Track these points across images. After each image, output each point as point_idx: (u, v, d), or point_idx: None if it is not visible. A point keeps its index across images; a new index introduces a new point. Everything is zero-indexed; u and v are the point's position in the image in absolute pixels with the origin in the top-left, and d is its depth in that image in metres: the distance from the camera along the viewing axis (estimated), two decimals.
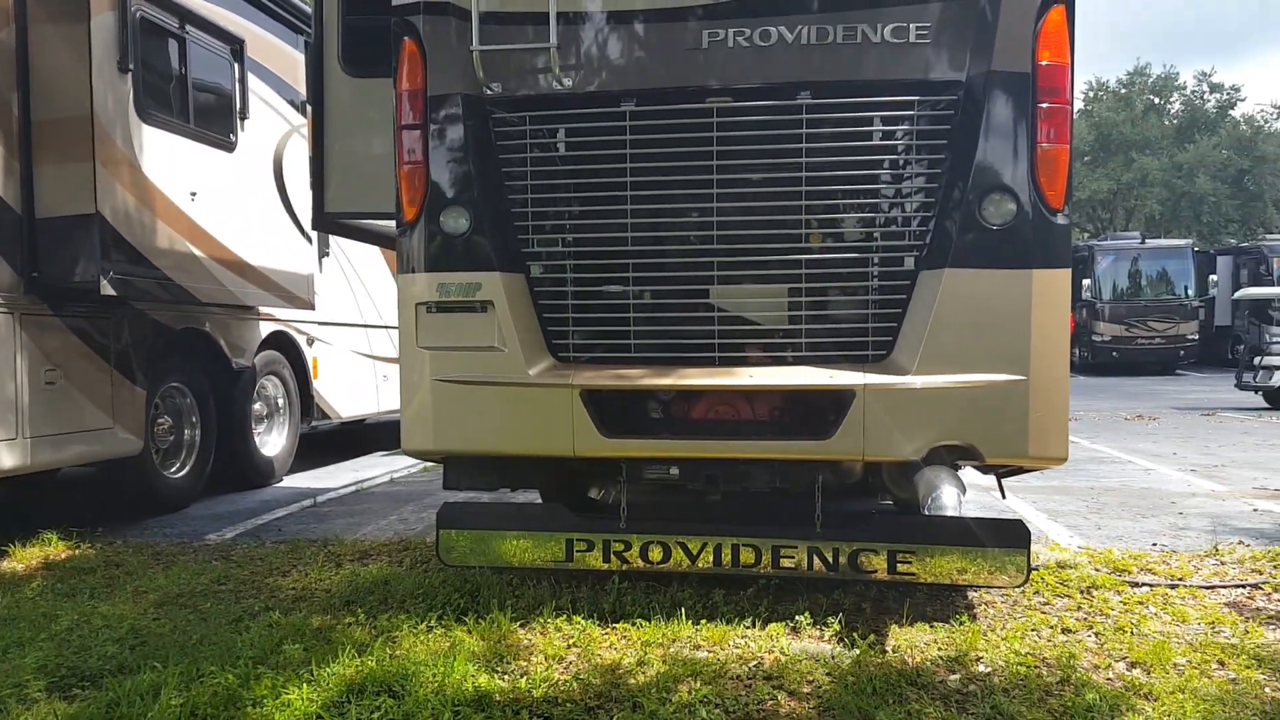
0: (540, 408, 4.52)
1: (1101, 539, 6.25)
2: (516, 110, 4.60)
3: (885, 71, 4.34)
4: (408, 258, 4.70)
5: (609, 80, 4.55)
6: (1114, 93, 49.15)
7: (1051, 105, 4.21)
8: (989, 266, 4.22)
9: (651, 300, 4.61)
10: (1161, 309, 28.02)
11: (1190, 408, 17.29)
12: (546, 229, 4.66)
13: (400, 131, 4.66)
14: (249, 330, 8.59)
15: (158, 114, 6.96)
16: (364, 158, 5.82)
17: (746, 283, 4.52)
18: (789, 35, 4.37)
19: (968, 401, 4.20)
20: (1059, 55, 4.21)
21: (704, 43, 4.43)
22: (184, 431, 7.90)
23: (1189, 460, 10.22)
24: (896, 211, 4.49)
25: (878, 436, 4.24)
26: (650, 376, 4.51)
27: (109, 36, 6.46)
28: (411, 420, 4.71)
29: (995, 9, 4.21)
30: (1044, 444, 4.20)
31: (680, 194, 4.55)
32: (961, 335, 4.22)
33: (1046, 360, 4.19)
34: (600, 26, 4.55)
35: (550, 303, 4.63)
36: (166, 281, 7.02)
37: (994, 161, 4.22)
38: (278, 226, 8.58)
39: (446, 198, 4.59)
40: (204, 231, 7.45)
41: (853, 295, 4.47)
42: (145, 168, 6.78)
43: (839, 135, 4.38)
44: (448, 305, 4.61)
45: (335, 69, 5.87)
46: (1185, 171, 43.24)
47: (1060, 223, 4.23)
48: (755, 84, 4.42)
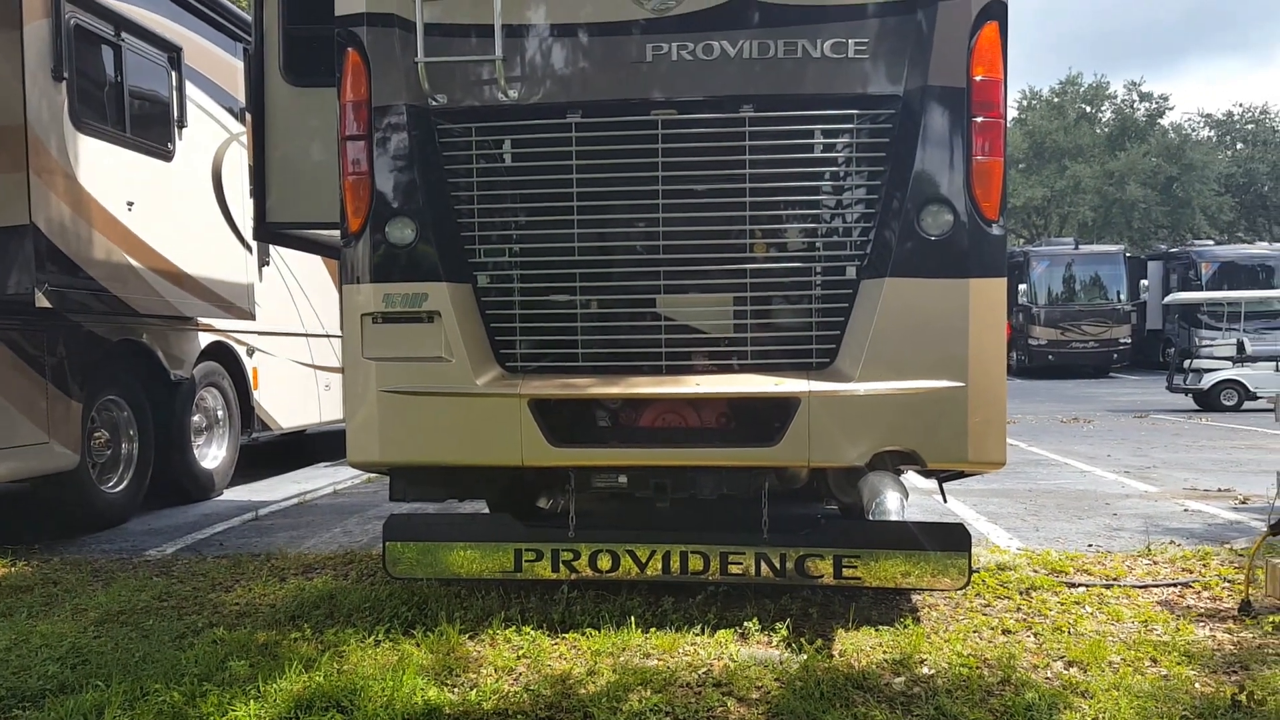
0: (488, 418, 4.52)
1: (1040, 541, 6.40)
2: (462, 121, 4.61)
3: (825, 85, 4.42)
4: (353, 268, 4.68)
5: (555, 92, 4.58)
6: (1047, 101, 50.24)
7: (986, 119, 4.32)
8: (928, 276, 4.31)
9: (599, 309, 4.64)
10: (1095, 313, 28.72)
11: (1124, 410, 17.74)
12: (493, 239, 4.67)
13: (344, 142, 4.63)
14: (187, 341, 8.46)
15: (93, 123, 6.84)
16: (306, 167, 5.78)
17: (692, 291, 4.57)
18: (731, 50, 4.43)
19: (909, 408, 4.28)
20: (992, 71, 4.32)
21: (648, 56, 4.48)
22: (121, 445, 7.75)
23: (1123, 462, 10.49)
24: (838, 222, 4.57)
25: (822, 443, 4.31)
26: (598, 385, 4.54)
27: (42, 44, 6.34)
28: (357, 432, 4.68)
29: (930, 26, 4.31)
30: (983, 449, 4.30)
31: (626, 204, 4.58)
32: (902, 343, 4.30)
33: (984, 367, 4.30)
34: (545, 38, 4.58)
35: (497, 312, 4.64)
36: (103, 293, 6.89)
37: (931, 173, 4.32)
38: (216, 236, 8.46)
39: (392, 208, 4.58)
40: (141, 242, 7.33)
41: (797, 304, 4.54)
42: (81, 178, 6.66)
43: (781, 147, 4.45)
44: (394, 316, 4.59)
45: (276, 78, 5.81)
46: (1116, 179, 44.32)
47: (995, 233, 4.34)
48: (699, 97, 4.47)
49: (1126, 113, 49.33)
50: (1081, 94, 50.09)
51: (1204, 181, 45.32)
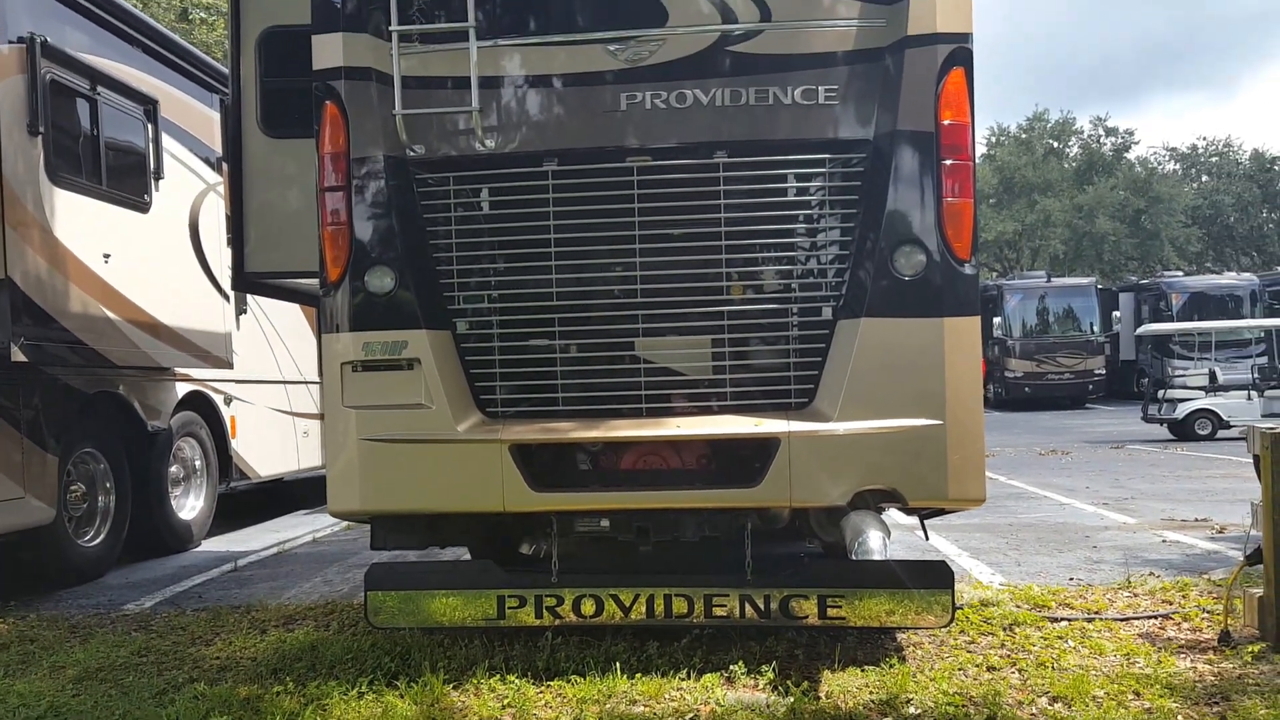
0: (469, 464, 4.52)
1: (1021, 575, 6.43)
2: (439, 171, 4.65)
3: (797, 131, 4.50)
4: (332, 317, 4.69)
5: (531, 140, 4.64)
6: (1015, 138, 51.02)
7: (955, 162, 4.41)
8: (902, 315, 4.37)
9: (578, 353, 4.66)
10: (1069, 345, 29.01)
11: (1100, 441, 17.88)
12: (472, 286, 4.70)
13: (323, 193, 4.67)
14: (164, 391, 8.41)
15: (69, 176, 6.85)
16: (283, 218, 5.82)
17: (671, 334, 4.61)
18: (704, 98, 4.51)
19: (888, 446, 4.32)
20: (960, 115, 4.42)
21: (622, 104, 4.55)
22: (98, 498, 7.68)
23: (1101, 494, 10.56)
24: (813, 263, 4.63)
25: (803, 483, 4.34)
26: (579, 429, 4.56)
27: (18, 99, 6.36)
28: (337, 481, 4.67)
29: (898, 72, 4.41)
30: (963, 486, 4.34)
31: (604, 249, 4.63)
32: (880, 382, 4.35)
33: (961, 405, 4.34)
34: (521, 89, 4.65)
35: (477, 358, 4.65)
36: (79, 345, 6.86)
37: (903, 215, 4.39)
38: (194, 285, 8.45)
39: (370, 257, 4.60)
40: (118, 293, 7.31)
41: (774, 344, 4.58)
42: (57, 231, 6.65)
43: (755, 192, 4.52)
44: (373, 364, 4.60)
45: (254, 130, 5.86)
46: (1085, 212, 44.96)
47: (968, 272, 4.41)
48: (673, 144, 4.54)
49: (1093, 148, 50.16)
50: (1049, 130, 50.92)
51: (1171, 214, 46.06)
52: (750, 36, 4.52)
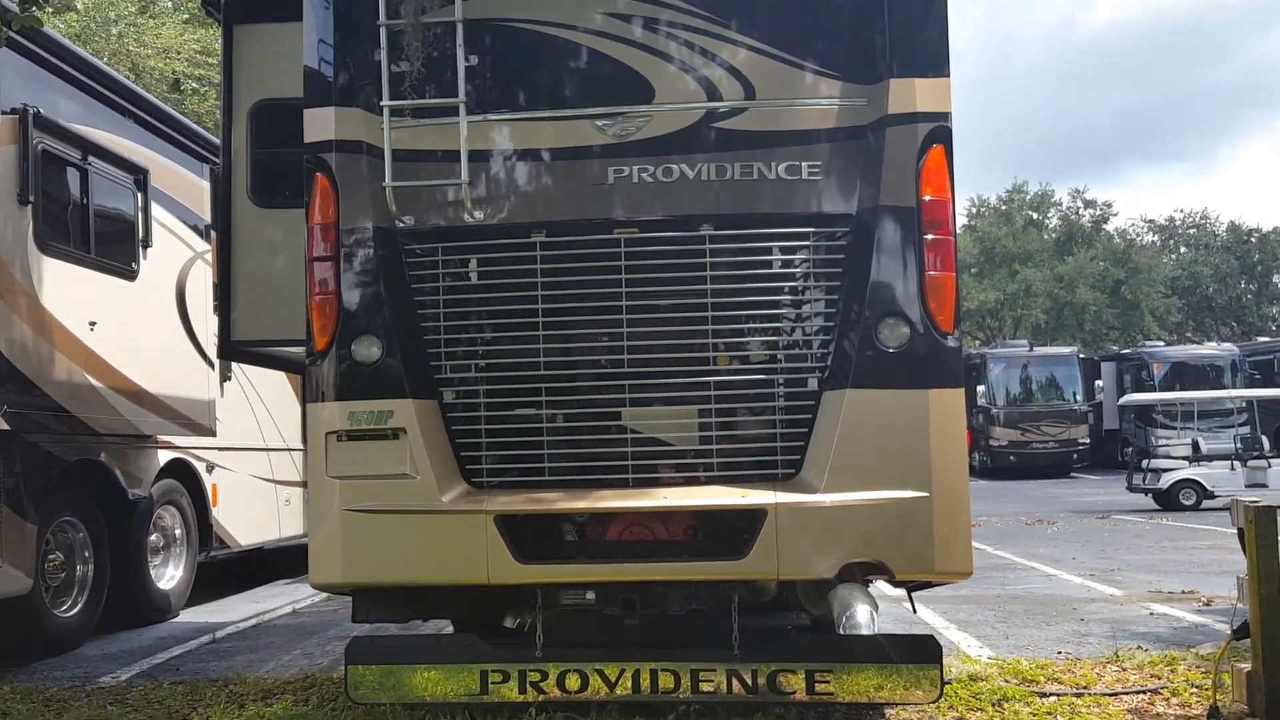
0: (453, 535, 4.49)
1: (1010, 649, 6.39)
2: (428, 241, 4.70)
3: (781, 205, 4.58)
4: (318, 386, 4.69)
5: (519, 212, 4.69)
6: (995, 209, 51.79)
7: (936, 237, 4.48)
8: (887, 387, 4.40)
9: (565, 423, 4.66)
10: (1053, 414, 29.12)
11: (1086, 511, 17.87)
12: (459, 355, 4.71)
13: (312, 263, 4.70)
14: (146, 459, 8.34)
15: (58, 245, 6.87)
16: (270, 287, 5.85)
17: (658, 404, 4.62)
18: (690, 172, 4.59)
19: (875, 519, 4.32)
20: (940, 191, 4.50)
21: (610, 178, 4.62)
22: (76, 567, 7.55)
23: (1088, 565, 10.53)
24: (799, 335, 4.66)
25: (791, 555, 4.32)
26: (565, 500, 4.54)
27: (9, 169, 6.40)
28: (319, 552, 4.63)
29: (880, 150, 4.50)
30: (949, 559, 4.33)
31: (591, 319, 4.66)
32: (865, 453, 4.36)
33: (947, 477, 4.36)
34: (510, 162, 4.72)
35: (463, 428, 4.64)
36: (62, 413, 6.82)
37: (886, 288, 4.45)
38: (179, 352, 8.44)
39: (358, 327, 4.62)
40: (103, 361, 7.29)
41: (761, 415, 4.60)
42: (44, 299, 6.66)
43: (741, 264, 4.57)
44: (358, 433, 4.59)
45: (243, 200, 5.92)
46: (1066, 282, 45.49)
47: (951, 345, 4.45)
48: (660, 217, 4.61)
49: (1072, 219, 50.93)
50: (1028, 201, 51.72)
51: (1151, 284, 46.66)
52: (735, 114, 4.61)
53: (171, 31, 15.26)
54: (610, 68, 4.66)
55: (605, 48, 4.67)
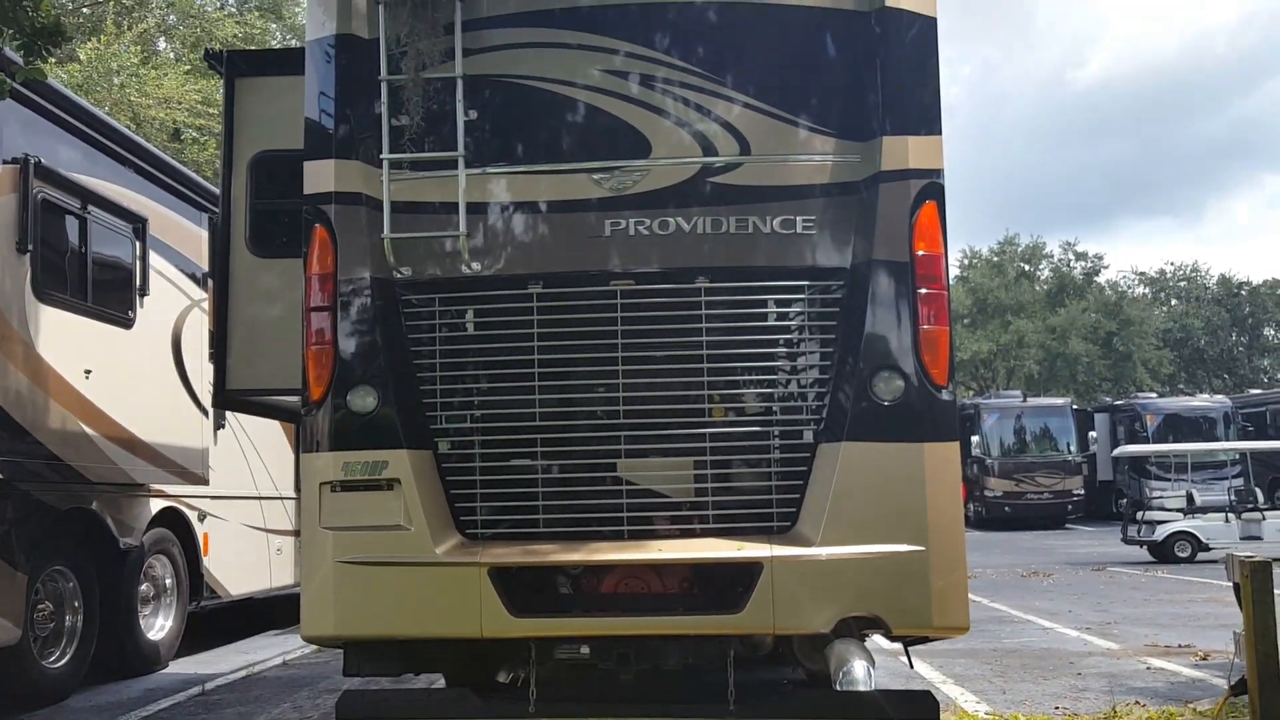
0: (447, 588, 4.46)
1: (1007, 704, 6.33)
2: (425, 292, 4.72)
3: (776, 259, 4.62)
4: (313, 436, 4.68)
5: (516, 264, 4.72)
6: (987, 261, 52.12)
7: (929, 291, 4.52)
8: (883, 440, 4.41)
9: (560, 474, 4.66)
10: (1047, 465, 29.07)
11: (1081, 563, 17.79)
12: (455, 406, 4.71)
13: (309, 313, 4.71)
14: (139, 508, 8.29)
15: (55, 293, 6.89)
16: (267, 336, 5.86)
17: (653, 455, 4.62)
18: (686, 225, 4.63)
19: (871, 573, 4.30)
20: (933, 246, 4.55)
21: (606, 231, 4.65)
22: (65, 617, 7.47)
23: (1084, 618, 10.47)
24: (794, 387, 4.67)
25: (787, 609, 4.30)
26: (560, 552, 4.52)
27: (8, 217, 6.44)
28: (312, 604, 4.58)
29: (873, 205, 4.55)
30: (946, 614, 4.31)
31: (587, 370, 4.67)
32: (861, 506, 4.36)
33: (943, 531, 4.35)
34: (507, 214, 4.75)
35: (458, 479, 4.63)
36: (56, 462, 6.79)
37: (881, 342, 4.47)
38: (173, 400, 8.43)
39: (354, 377, 4.62)
40: (98, 409, 7.28)
41: (756, 467, 4.59)
42: (40, 347, 6.66)
43: (736, 316, 4.60)
44: (353, 484, 4.58)
45: (242, 249, 5.96)
46: (1059, 333, 45.69)
47: (945, 398, 4.47)
48: (656, 269, 4.64)
49: (1064, 271, 51.26)
50: (1020, 253, 52.08)
51: (1143, 336, 46.87)
52: (730, 168, 4.67)
53: (173, 82, 15.43)
54: (607, 122, 4.72)
55: (602, 103, 4.74)
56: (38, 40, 5.26)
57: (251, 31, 17.60)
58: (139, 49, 16.09)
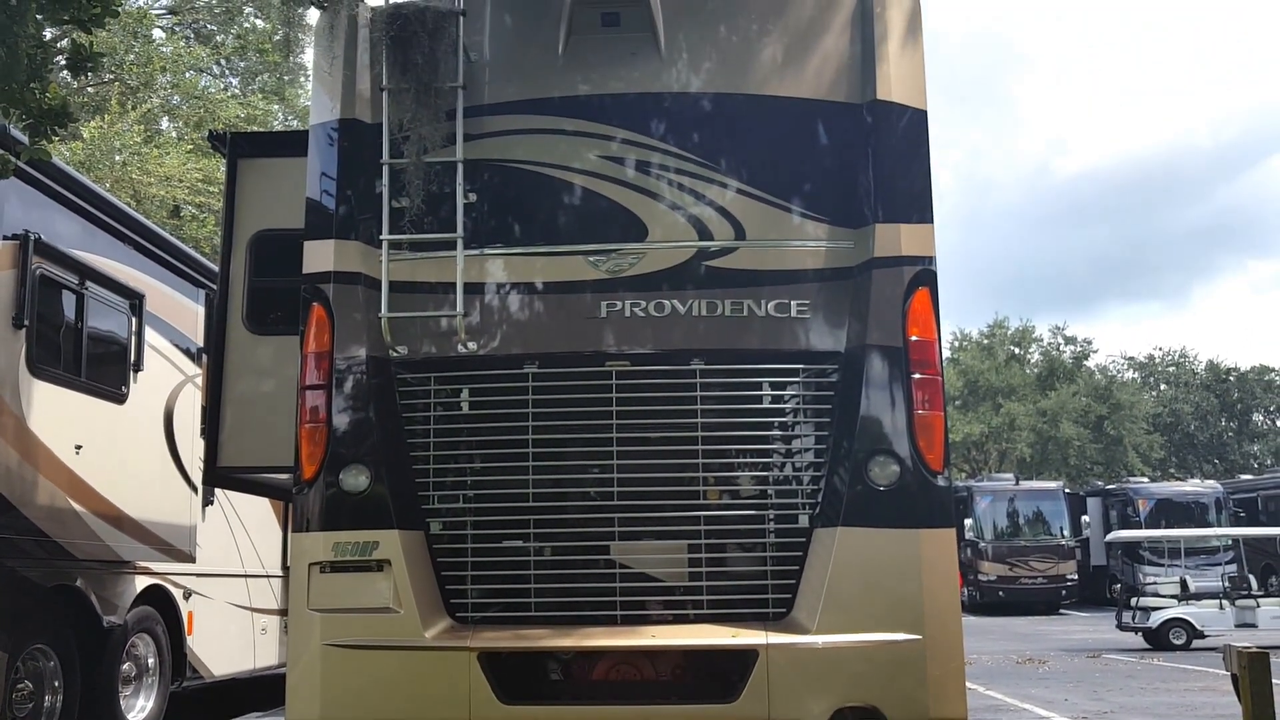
0: (435, 673, 4.40)
1: None
2: (421, 371, 4.74)
3: (770, 342, 4.66)
4: (303, 515, 4.66)
5: (512, 344, 4.76)
6: (977, 343, 52.42)
7: (923, 376, 4.55)
8: (878, 526, 4.40)
9: (553, 556, 4.63)
10: (1041, 549, 28.82)
11: (1076, 649, 17.56)
12: (448, 485, 4.70)
13: (304, 391, 4.72)
14: (123, 585, 8.14)
15: (49, 368, 6.87)
16: (260, 413, 5.85)
17: (647, 538, 4.60)
18: (681, 308, 4.68)
19: (868, 662, 4.26)
20: (926, 332, 4.60)
21: (602, 312, 4.70)
22: (45, 697, 7.26)
23: (1081, 707, 10.31)
24: (789, 471, 4.68)
25: (783, 698, 4.24)
26: (551, 637, 4.47)
27: (6, 293, 6.45)
28: (297, 688, 4.52)
29: (866, 290, 4.61)
30: (943, 703, 4.26)
31: (581, 451, 4.68)
32: (857, 593, 4.33)
33: (939, 619, 4.32)
34: (505, 295, 4.80)
35: (449, 560, 4.60)
36: (43, 538, 6.71)
37: (876, 426, 4.49)
38: (163, 477, 8.36)
39: (347, 456, 4.61)
40: (87, 486, 7.21)
41: (751, 551, 4.58)
42: (31, 422, 6.62)
43: (731, 399, 4.62)
44: (342, 565, 4.54)
45: (238, 326, 5.98)
46: (1050, 417, 45.74)
47: (941, 484, 4.48)
48: (651, 350, 4.67)
49: (1053, 354, 51.54)
50: (1009, 336, 52.40)
51: (1133, 420, 46.94)
52: (726, 252, 4.73)
53: (174, 160, 15.64)
54: (604, 206, 4.80)
55: (600, 188, 4.82)
56: (44, 121, 5.34)
57: (254, 112, 17.91)
58: (142, 128, 16.33)
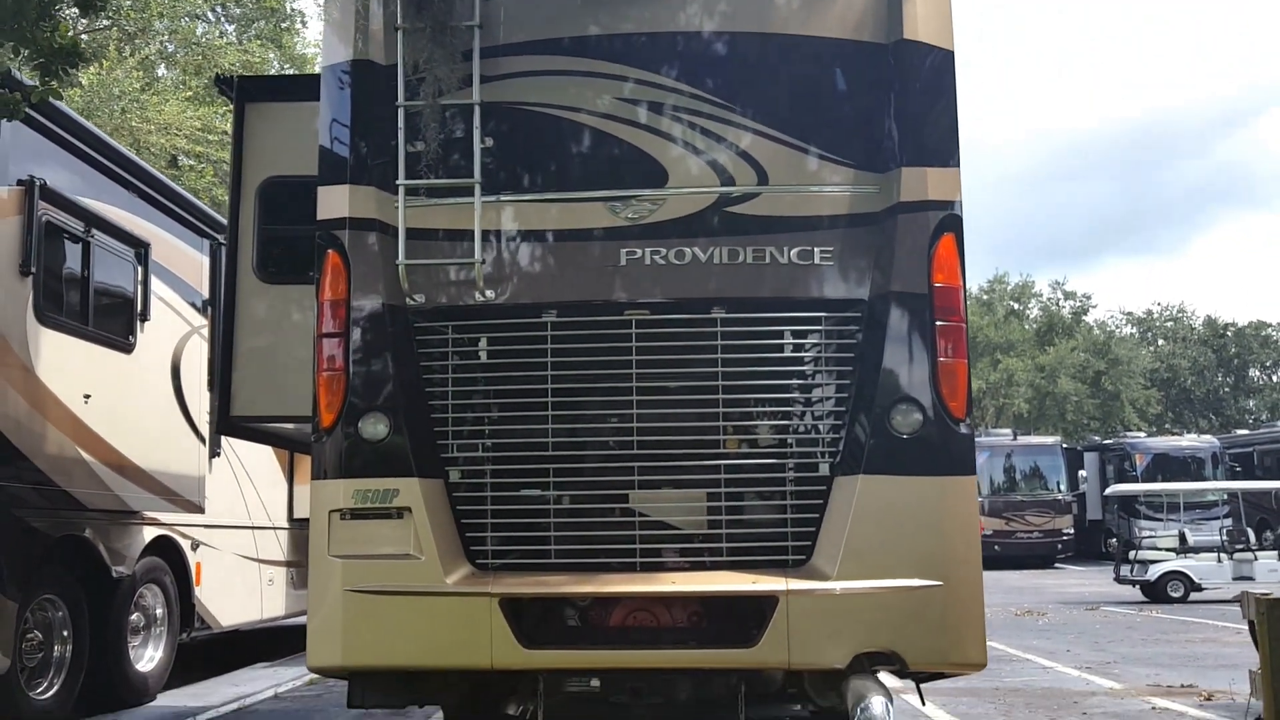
0: (457, 618, 4.40)
1: None
2: (439, 320, 4.69)
3: (793, 290, 4.61)
4: (322, 464, 4.63)
5: (531, 292, 4.70)
6: (976, 299, 52.31)
7: (947, 323, 4.51)
8: (900, 473, 4.38)
9: (572, 505, 4.61)
10: (1037, 504, 29.02)
11: (1073, 602, 17.71)
12: (466, 434, 4.67)
13: (321, 339, 4.67)
14: (131, 536, 8.15)
15: (56, 317, 6.82)
16: (272, 362, 5.81)
17: (666, 487, 4.58)
18: (702, 255, 4.62)
19: (889, 607, 4.26)
20: (951, 278, 4.55)
21: (622, 260, 4.64)
22: (54, 647, 7.30)
23: (1082, 657, 10.40)
24: (810, 419, 4.64)
25: (803, 643, 4.24)
26: (572, 583, 4.47)
27: (12, 240, 6.38)
28: (318, 633, 4.52)
29: (891, 237, 4.54)
30: (964, 649, 4.28)
31: (600, 400, 4.64)
32: (878, 540, 4.32)
33: (960, 565, 4.31)
34: (523, 242, 4.74)
35: (469, 508, 4.58)
36: (53, 488, 6.69)
37: (899, 374, 4.46)
38: (172, 427, 8.34)
39: (365, 404, 4.58)
40: (96, 435, 7.18)
41: (771, 500, 4.56)
42: (40, 371, 6.58)
43: (752, 347, 4.58)
44: (363, 512, 4.52)
45: (248, 275, 5.92)
46: (1048, 372, 45.78)
47: (963, 432, 4.45)
48: (671, 299, 4.62)
49: (1052, 310, 51.49)
50: (1009, 292, 52.31)
51: (1131, 376, 46.99)
52: (747, 198, 4.66)
53: (174, 108, 15.44)
54: (624, 152, 4.72)
55: (619, 132, 4.74)
56: (55, 60, 5.23)
57: (251, 60, 17.65)
58: (140, 75, 16.11)
